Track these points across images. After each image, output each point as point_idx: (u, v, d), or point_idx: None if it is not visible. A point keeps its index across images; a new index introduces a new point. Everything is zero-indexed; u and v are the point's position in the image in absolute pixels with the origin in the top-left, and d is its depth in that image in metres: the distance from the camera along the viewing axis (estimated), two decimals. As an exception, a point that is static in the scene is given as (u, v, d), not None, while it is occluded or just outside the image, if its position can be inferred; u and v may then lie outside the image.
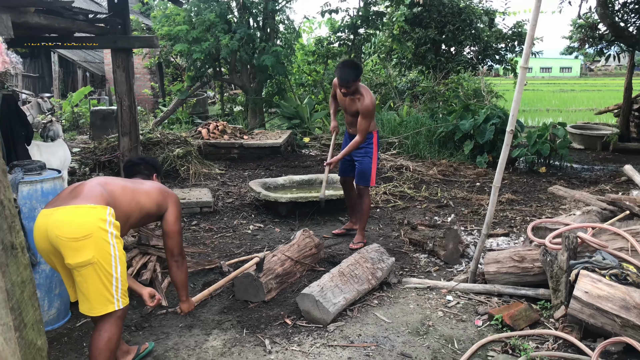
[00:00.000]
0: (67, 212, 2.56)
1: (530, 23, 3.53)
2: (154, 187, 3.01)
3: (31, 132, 5.02)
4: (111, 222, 2.60)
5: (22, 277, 2.30)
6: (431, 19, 13.36)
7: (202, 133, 9.29)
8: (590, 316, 3.08)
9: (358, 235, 5.05)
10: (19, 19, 4.49)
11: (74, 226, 2.51)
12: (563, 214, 5.39)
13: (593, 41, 11.65)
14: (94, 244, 2.52)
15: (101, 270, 2.55)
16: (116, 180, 2.95)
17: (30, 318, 2.34)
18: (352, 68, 4.64)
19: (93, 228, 2.52)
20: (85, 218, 2.54)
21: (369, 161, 4.90)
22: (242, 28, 10.59)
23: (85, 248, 2.50)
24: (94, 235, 2.52)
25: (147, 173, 3.31)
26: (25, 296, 2.32)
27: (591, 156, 10.16)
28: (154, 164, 3.45)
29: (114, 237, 2.59)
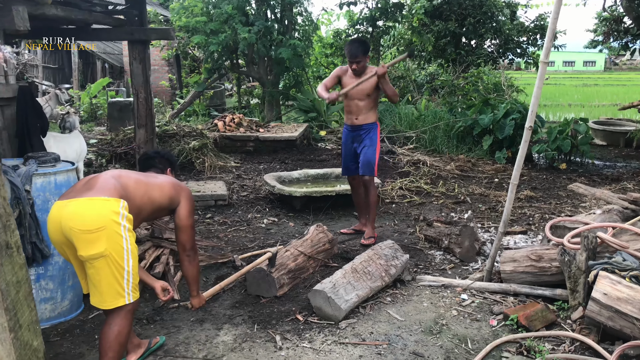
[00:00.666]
0: (81, 204, 2.56)
1: (551, 16, 3.43)
2: (167, 181, 2.99)
3: (47, 124, 5.04)
4: (124, 215, 2.59)
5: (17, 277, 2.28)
6: (451, 11, 13.18)
7: (218, 125, 9.30)
8: (608, 318, 3.00)
9: (369, 229, 4.96)
10: (36, 10, 4.51)
11: (87, 218, 2.51)
12: (583, 212, 5.28)
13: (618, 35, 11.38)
14: (106, 236, 2.51)
15: (113, 263, 2.54)
16: (130, 174, 2.94)
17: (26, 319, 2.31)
18: (360, 43, 4.79)
19: (106, 220, 2.52)
20: (98, 210, 2.53)
21: (374, 150, 4.85)
22: (260, 20, 10.55)
23: (98, 240, 2.50)
24: (107, 227, 2.52)
25: (161, 167, 3.30)
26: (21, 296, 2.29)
27: (614, 153, 9.95)
28: (169, 158, 3.43)
29: (126, 230, 2.59)
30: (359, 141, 4.91)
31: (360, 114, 4.87)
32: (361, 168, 4.88)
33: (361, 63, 4.72)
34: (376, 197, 5.00)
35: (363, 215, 5.21)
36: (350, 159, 5.03)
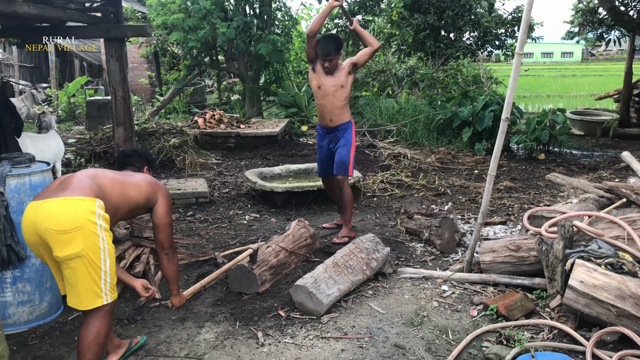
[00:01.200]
0: (55, 204, 2.53)
1: (525, 8, 3.46)
2: (143, 180, 2.97)
3: (21, 124, 4.97)
4: (100, 214, 2.57)
5: None
6: (430, 4, 13.22)
7: (199, 122, 9.23)
8: (585, 306, 3.05)
9: (344, 229, 4.89)
10: (7, 8, 4.43)
11: (62, 218, 2.48)
12: (561, 201, 5.34)
13: (593, 26, 11.53)
14: (82, 236, 2.49)
15: (90, 263, 2.52)
16: (106, 173, 2.92)
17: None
18: (334, 39, 4.70)
19: (82, 220, 2.50)
20: (74, 210, 2.51)
21: (349, 150, 4.77)
22: (239, 16, 10.48)
23: (73, 240, 2.47)
24: (82, 227, 2.49)
25: (138, 165, 3.28)
26: None
27: (591, 142, 10.09)
28: (147, 157, 3.40)
29: (103, 230, 2.56)
30: (334, 141, 4.84)
31: (334, 114, 4.74)
32: (335, 168, 4.80)
33: (334, 61, 4.60)
34: (351, 196, 4.90)
35: (343, 211, 5.20)
36: (327, 161, 4.95)
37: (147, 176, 3.10)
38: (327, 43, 4.61)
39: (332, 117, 4.78)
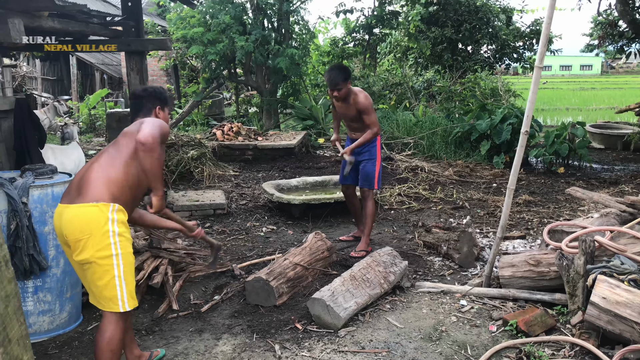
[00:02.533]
0: (72, 212, 2.61)
1: (545, 21, 3.45)
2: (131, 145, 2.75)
3: (44, 136, 5.06)
4: (114, 219, 2.60)
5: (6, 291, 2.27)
6: (447, 17, 13.24)
7: (217, 135, 9.31)
8: (608, 323, 3.00)
9: (362, 242, 4.87)
10: (33, 23, 4.53)
11: (75, 226, 2.57)
12: (581, 215, 5.28)
13: (613, 38, 11.43)
14: (92, 243, 2.56)
15: (101, 268, 2.58)
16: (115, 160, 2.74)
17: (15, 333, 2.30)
18: (340, 70, 4.67)
19: (92, 228, 2.56)
20: (86, 218, 2.57)
21: (373, 164, 4.83)
22: (257, 29, 10.59)
23: (85, 247, 2.56)
24: (93, 234, 2.56)
25: (150, 106, 3.01)
26: (10, 311, 2.28)
27: (611, 156, 9.96)
28: (158, 95, 3.06)
29: (116, 235, 2.59)
30: (360, 153, 4.89)
31: (358, 131, 4.83)
32: (360, 181, 4.89)
33: (342, 90, 4.62)
34: (373, 210, 4.91)
35: (360, 222, 5.20)
36: (351, 169, 4.99)
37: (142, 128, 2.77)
38: (334, 74, 4.62)
39: (356, 133, 4.88)
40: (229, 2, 10.77)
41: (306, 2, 11.93)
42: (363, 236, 4.90)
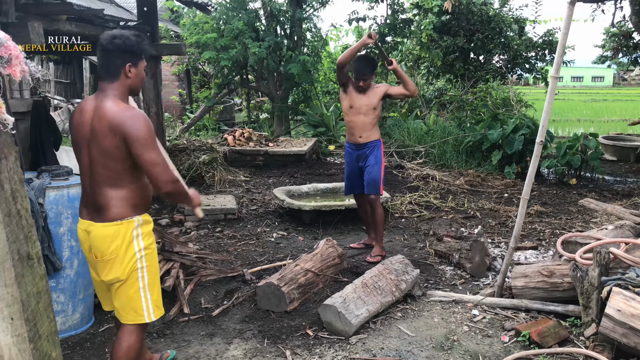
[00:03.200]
0: (98, 232, 2.52)
1: (561, 32, 3.45)
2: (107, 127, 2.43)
3: (60, 138, 5.10)
4: (139, 234, 2.56)
5: (37, 287, 2.30)
6: (460, 27, 13.22)
7: (228, 140, 9.34)
8: (622, 335, 2.96)
9: (376, 247, 4.91)
10: (51, 26, 4.57)
11: (103, 248, 2.52)
12: (594, 227, 5.24)
13: (627, 50, 11.37)
14: (119, 263, 2.53)
15: (128, 285, 2.57)
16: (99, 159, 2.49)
17: (45, 329, 2.33)
18: (368, 61, 4.78)
19: (119, 249, 2.52)
20: (112, 239, 2.51)
21: (379, 168, 4.82)
22: (270, 36, 10.64)
23: (113, 268, 2.53)
24: (119, 255, 2.52)
25: (119, 63, 2.47)
26: (41, 307, 2.32)
27: (624, 168, 9.88)
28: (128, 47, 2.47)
29: (142, 251, 2.57)
30: (363, 159, 4.87)
31: (365, 131, 4.79)
32: (367, 187, 4.84)
33: (368, 81, 4.70)
34: (382, 215, 4.94)
35: (372, 230, 5.20)
36: (355, 178, 4.97)
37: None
38: (363, 64, 4.71)
39: (362, 134, 4.82)
40: (243, 9, 10.85)
41: (319, 10, 11.99)
42: (376, 241, 4.91)
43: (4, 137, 2.15)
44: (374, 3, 12.40)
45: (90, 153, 2.49)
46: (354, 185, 5.03)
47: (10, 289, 2.17)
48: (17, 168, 2.21)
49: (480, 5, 13.22)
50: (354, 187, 5.04)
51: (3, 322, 2.19)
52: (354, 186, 5.04)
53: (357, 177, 4.97)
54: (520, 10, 14.55)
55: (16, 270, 2.18)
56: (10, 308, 2.19)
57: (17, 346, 2.21)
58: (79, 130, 2.51)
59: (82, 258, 3.46)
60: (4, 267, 2.16)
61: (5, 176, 2.15)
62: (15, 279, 2.17)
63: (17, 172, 2.22)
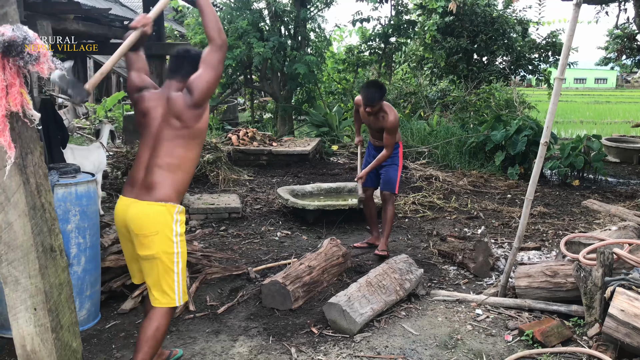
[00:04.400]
0: (141, 209, 2.68)
1: (567, 33, 3.47)
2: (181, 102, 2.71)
3: (67, 136, 5.14)
4: (177, 220, 2.73)
5: (59, 279, 2.35)
6: (463, 28, 13.26)
7: (232, 139, 9.38)
8: (626, 335, 2.98)
9: (382, 243, 4.97)
10: (59, 25, 4.63)
11: (144, 223, 2.67)
12: (597, 228, 5.26)
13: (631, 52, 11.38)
14: (159, 240, 2.67)
15: (163, 265, 2.70)
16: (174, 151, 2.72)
17: (66, 320, 2.39)
18: (377, 88, 4.77)
19: (160, 227, 2.67)
20: (154, 217, 2.67)
21: (395, 169, 4.98)
22: (274, 36, 10.68)
23: (152, 243, 2.67)
24: (160, 232, 2.67)
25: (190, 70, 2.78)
26: (63, 298, 2.37)
27: (627, 170, 9.90)
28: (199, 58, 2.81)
29: (178, 235, 2.73)
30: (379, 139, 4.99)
31: (380, 139, 4.97)
32: (382, 184, 5.02)
33: (376, 107, 4.75)
34: (393, 213, 5.03)
35: (375, 228, 5.24)
36: (371, 173, 5.08)
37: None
38: (371, 93, 4.70)
39: (377, 140, 5.03)
40: (247, 9, 10.89)
41: (323, 10, 12.03)
42: (383, 238, 5.00)
43: (30, 132, 2.22)
44: (378, 4, 12.45)
45: (159, 137, 2.72)
46: (366, 179, 5.10)
47: (34, 280, 2.24)
48: (41, 163, 2.27)
49: (484, 7, 13.26)
50: (367, 180, 5.11)
51: (27, 312, 2.24)
52: (366, 180, 5.12)
53: (373, 172, 5.08)
54: (523, 12, 14.58)
55: (40, 262, 2.24)
56: (34, 299, 2.25)
57: (39, 336, 2.27)
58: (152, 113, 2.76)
59: (90, 255, 3.50)
60: (29, 258, 2.22)
61: (30, 170, 2.22)
62: (39, 271, 2.24)
63: (42, 166, 2.28)
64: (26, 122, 2.19)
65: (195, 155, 2.79)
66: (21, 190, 2.18)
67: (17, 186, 2.18)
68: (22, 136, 2.20)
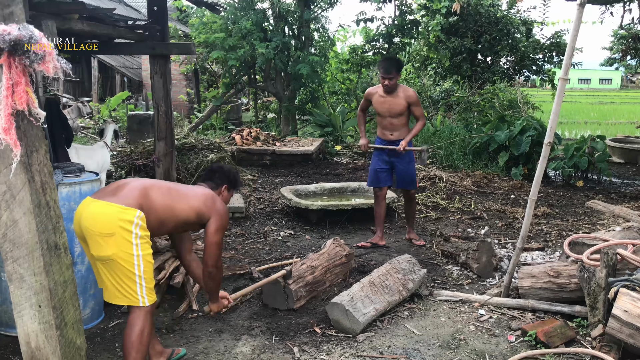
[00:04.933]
0: (99, 207, 2.68)
1: (571, 34, 3.46)
2: (198, 196, 2.98)
3: (71, 135, 5.16)
4: (138, 224, 2.67)
5: (64, 276, 2.37)
6: (467, 28, 13.21)
7: (236, 139, 9.39)
8: (629, 336, 2.98)
9: (414, 234, 5.41)
10: (64, 25, 4.63)
11: (99, 221, 2.63)
12: (601, 229, 5.24)
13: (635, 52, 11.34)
14: (114, 242, 2.62)
15: (121, 267, 2.65)
16: (161, 184, 2.97)
17: (70, 317, 2.40)
18: (394, 60, 5.06)
19: (117, 228, 2.62)
20: (112, 216, 2.64)
21: (414, 166, 5.20)
22: (278, 36, 10.68)
23: (106, 244, 2.62)
24: (116, 234, 2.62)
25: (218, 182, 3.25)
26: (67, 295, 2.38)
27: (631, 170, 9.87)
28: (229, 176, 3.33)
29: (138, 238, 2.67)
30: (396, 155, 5.05)
31: (395, 130, 5.06)
32: (406, 184, 5.19)
33: (393, 80, 4.90)
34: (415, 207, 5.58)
35: (381, 228, 5.25)
36: (382, 171, 5.14)
37: (206, 193, 3.05)
38: (389, 63, 4.96)
39: (392, 132, 5.09)
40: (251, 9, 10.89)
41: (327, 10, 12.02)
42: (412, 229, 5.45)
43: (36, 130, 2.23)
44: (381, 4, 12.43)
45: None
46: (380, 178, 5.14)
47: (39, 277, 2.25)
48: (46, 161, 2.29)
49: (488, 7, 13.22)
50: (380, 180, 5.14)
51: (31, 309, 2.26)
52: (379, 179, 5.14)
53: (384, 171, 5.13)
54: (528, 12, 14.52)
55: (45, 260, 2.26)
56: (39, 296, 2.26)
57: (44, 333, 2.28)
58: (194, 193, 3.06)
59: (94, 254, 3.50)
60: (34, 256, 2.23)
61: (36, 168, 2.23)
62: (43, 268, 2.25)
63: (47, 164, 2.29)
64: (32, 121, 2.20)
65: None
66: (26, 188, 2.20)
67: (23, 184, 2.19)
68: (27, 134, 2.21)
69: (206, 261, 3.00)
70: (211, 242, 2.96)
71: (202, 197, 2.98)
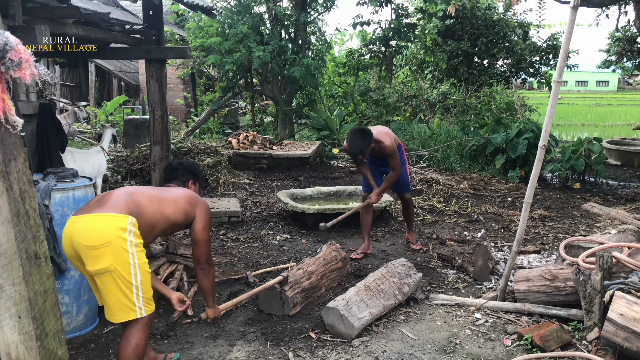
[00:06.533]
0: (89, 220, 2.61)
1: (564, 36, 3.46)
2: (182, 196, 3.01)
3: (65, 140, 5.14)
4: (131, 230, 2.62)
5: (44, 286, 2.33)
6: (464, 31, 13.26)
7: (232, 143, 9.38)
8: (625, 340, 2.97)
9: (414, 237, 5.41)
10: (58, 30, 4.62)
11: (93, 234, 2.56)
12: (597, 232, 5.24)
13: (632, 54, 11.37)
14: (111, 252, 2.55)
15: (119, 278, 2.57)
16: (144, 190, 2.98)
17: (51, 327, 2.37)
18: (363, 138, 4.68)
19: (111, 236, 2.56)
20: (105, 226, 2.57)
21: (405, 169, 5.15)
22: (274, 40, 10.68)
23: (103, 256, 2.54)
24: (112, 243, 2.55)
25: (183, 179, 3.31)
26: (48, 306, 2.35)
27: (628, 173, 9.87)
28: (192, 170, 3.39)
29: (133, 246, 2.61)
30: (384, 164, 5.05)
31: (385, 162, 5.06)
32: (400, 188, 5.21)
33: (367, 154, 4.78)
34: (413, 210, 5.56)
35: (367, 237, 5.16)
36: (374, 177, 5.10)
37: (187, 192, 3.10)
38: (356, 144, 4.67)
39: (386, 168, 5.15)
40: (247, 13, 10.90)
41: (323, 14, 12.04)
42: (411, 232, 5.45)
43: (13, 138, 2.19)
44: (378, 7, 12.45)
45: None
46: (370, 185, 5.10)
47: (18, 288, 2.21)
48: (25, 169, 2.25)
49: (485, 10, 13.26)
50: (372, 186, 5.09)
51: (10, 320, 2.22)
52: (370, 185, 5.10)
53: (376, 176, 5.15)
54: (524, 15, 14.56)
55: (24, 269, 2.22)
56: (18, 306, 2.22)
57: (24, 344, 2.24)
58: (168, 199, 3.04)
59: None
60: (12, 266, 2.19)
61: (14, 177, 2.19)
62: (23, 278, 2.21)
63: (26, 173, 2.25)
64: (9, 129, 2.15)
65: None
66: (4, 197, 2.16)
67: (0, 193, 2.15)
68: (4, 142, 2.16)
69: (198, 259, 3.03)
70: (200, 239, 2.99)
71: (186, 197, 2.99)
